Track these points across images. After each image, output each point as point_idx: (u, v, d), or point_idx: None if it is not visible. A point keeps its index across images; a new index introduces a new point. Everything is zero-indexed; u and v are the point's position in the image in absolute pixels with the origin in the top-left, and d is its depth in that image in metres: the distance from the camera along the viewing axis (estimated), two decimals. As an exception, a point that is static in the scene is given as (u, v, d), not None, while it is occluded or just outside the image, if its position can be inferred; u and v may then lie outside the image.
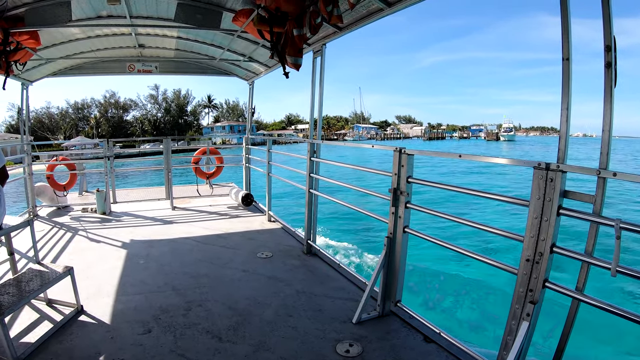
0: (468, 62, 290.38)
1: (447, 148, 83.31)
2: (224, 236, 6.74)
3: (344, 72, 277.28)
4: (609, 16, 2.26)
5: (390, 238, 3.89)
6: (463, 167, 37.61)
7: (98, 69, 8.95)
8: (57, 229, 7.16)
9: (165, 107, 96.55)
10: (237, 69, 9.36)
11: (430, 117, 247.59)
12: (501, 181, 30.17)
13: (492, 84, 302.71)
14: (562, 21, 2.48)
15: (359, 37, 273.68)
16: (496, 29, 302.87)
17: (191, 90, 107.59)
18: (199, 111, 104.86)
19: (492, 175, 33.18)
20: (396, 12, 4.31)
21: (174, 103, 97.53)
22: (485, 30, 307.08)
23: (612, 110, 2.33)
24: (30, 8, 5.16)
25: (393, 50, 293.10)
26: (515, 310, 2.67)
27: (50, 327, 3.61)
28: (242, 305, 4.15)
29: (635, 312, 2.11)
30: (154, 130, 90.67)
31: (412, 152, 3.70)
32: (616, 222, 2.11)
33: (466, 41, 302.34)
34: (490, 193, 2.99)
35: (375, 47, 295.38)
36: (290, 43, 4.99)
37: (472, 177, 32.85)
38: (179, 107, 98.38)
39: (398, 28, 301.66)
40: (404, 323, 3.78)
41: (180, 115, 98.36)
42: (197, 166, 10.35)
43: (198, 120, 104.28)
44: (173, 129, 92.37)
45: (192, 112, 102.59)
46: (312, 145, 5.69)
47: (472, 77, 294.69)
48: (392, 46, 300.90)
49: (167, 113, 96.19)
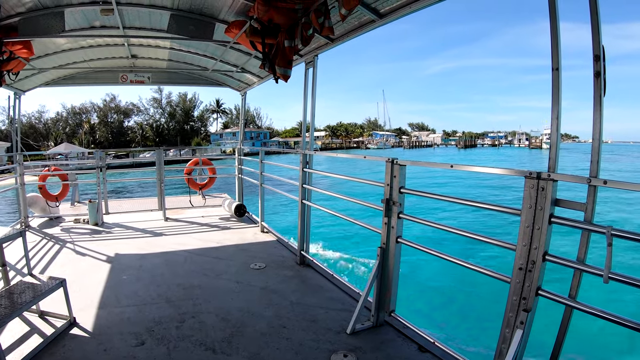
0: (476, 69, 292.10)
1: (491, 158, 76.23)
2: (217, 247, 6.71)
3: (353, 79, 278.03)
4: (598, 26, 2.30)
5: (384, 248, 3.90)
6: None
7: (91, 79, 8.95)
8: (49, 240, 7.09)
9: (169, 111, 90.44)
10: (230, 79, 9.38)
11: (440, 124, 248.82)
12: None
13: (500, 91, 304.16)
14: (551, 31, 2.52)
15: (366, 46, 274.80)
16: (503, 35, 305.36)
17: (198, 93, 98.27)
18: (206, 116, 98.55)
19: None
20: (389, 23, 4.37)
21: (179, 107, 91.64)
22: (492, 36, 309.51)
23: (602, 118, 2.36)
24: (23, 18, 5.17)
25: (402, 57, 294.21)
26: (509, 319, 2.67)
27: (43, 340, 3.56)
28: (235, 317, 4.13)
29: (627, 317, 2.12)
30: (156, 137, 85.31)
31: (404, 163, 3.72)
32: (607, 229, 2.13)
33: (474, 48, 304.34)
34: (482, 202, 3.01)
35: (385, 54, 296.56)
36: (281, 54, 5.02)
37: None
38: (185, 112, 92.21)
39: (407, 35, 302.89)
40: (399, 333, 3.77)
41: (186, 120, 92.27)
42: (190, 177, 10.32)
43: (206, 126, 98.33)
44: (178, 136, 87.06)
45: (199, 118, 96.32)
46: (304, 156, 5.70)
47: (480, 84, 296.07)
48: (400, 53, 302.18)
49: (172, 118, 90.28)
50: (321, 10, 4.20)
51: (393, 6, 4.11)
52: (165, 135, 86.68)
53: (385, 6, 4.18)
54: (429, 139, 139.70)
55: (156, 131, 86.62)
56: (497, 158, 79.32)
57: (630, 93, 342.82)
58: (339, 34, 5.09)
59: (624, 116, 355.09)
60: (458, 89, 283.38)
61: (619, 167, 51.66)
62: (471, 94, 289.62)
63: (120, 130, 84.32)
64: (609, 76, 2.34)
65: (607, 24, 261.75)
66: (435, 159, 64.88)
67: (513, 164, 55.40)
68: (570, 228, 2.42)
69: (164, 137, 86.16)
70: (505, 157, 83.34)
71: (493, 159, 75.51)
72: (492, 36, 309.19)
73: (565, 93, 2.59)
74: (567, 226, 2.41)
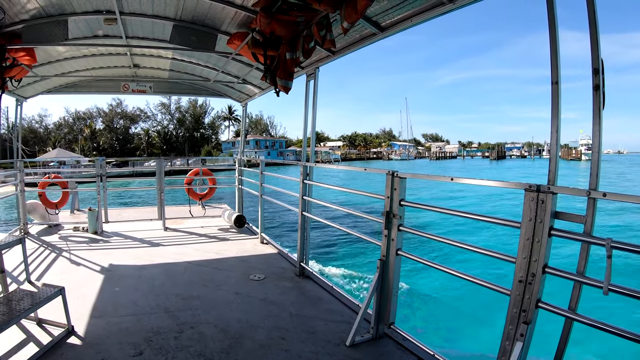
0: (486, 80, 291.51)
1: (528, 171, 65.64)
2: (217, 258, 6.69)
3: (363, 89, 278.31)
4: (597, 40, 2.33)
5: (383, 261, 3.90)
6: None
7: (92, 87, 9.01)
8: (48, 248, 7.08)
9: (178, 117, 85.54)
10: (231, 90, 9.44)
11: (451, 135, 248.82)
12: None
13: (510, 101, 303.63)
14: (550, 46, 2.56)
15: (375, 56, 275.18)
16: (514, 45, 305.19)
17: (210, 100, 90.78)
18: (217, 124, 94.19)
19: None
20: (390, 36, 4.42)
21: (188, 113, 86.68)
22: (503, 47, 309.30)
23: (601, 132, 2.39)
24: (27, 25, 5.22)
25: (412, 67, 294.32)
26: (509, 331, 2.67)
27: (40, 348, 3.55)
28: (234, 328, 4.11)
29: (626, 329, 2.13)
30: (164, 144, 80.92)
31: (404, 176, 3.75)
32: (607, 241, 2.14)
33: (484, 58, 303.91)
34: (482, 215, 3.02)
35: (395, 64, 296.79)
36: (282, 66, 5.07)
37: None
38: (195, 119, 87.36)
39: (417, 46, 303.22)
40: (398, 345, 3.76)
41: (196, 127, 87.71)
42: (190, 187, 10.32)
43: (217, 134, 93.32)
44: (186, 143, 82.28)
45: (210, 125, 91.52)
46: (304, 168, 5.72)
47: (489, 95, 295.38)
48: (410, 64, 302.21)
49: (181, 125, 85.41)
50: (323, 23, 4.25)
51: (394, 20, 4.16)
52: (173, 143, 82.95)
53: (386, 20, 4.24)
54: (449, 150, 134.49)
55: (163, 138, 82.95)
56: (543, 172, 72.62)
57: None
58: (340, 46, 5.14)
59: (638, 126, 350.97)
60: (467, 100, 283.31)
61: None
62: (480, 105, 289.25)
63: (125, 136, 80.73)
64: (623, 85, 2.34)
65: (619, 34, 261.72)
66: (473, 174, 60.56)
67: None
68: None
69: (171, 144, 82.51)
70: (529, 170, 70.64)
71: (504, 169, 72.69)
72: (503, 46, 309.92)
73: (579, 103, 2.55)
74: (567, 239, 2.43)
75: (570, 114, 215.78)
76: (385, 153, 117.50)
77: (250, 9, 4.91)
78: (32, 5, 4.88)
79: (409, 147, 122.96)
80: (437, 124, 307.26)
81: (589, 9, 2.33)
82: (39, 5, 4.91)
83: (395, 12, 4.04)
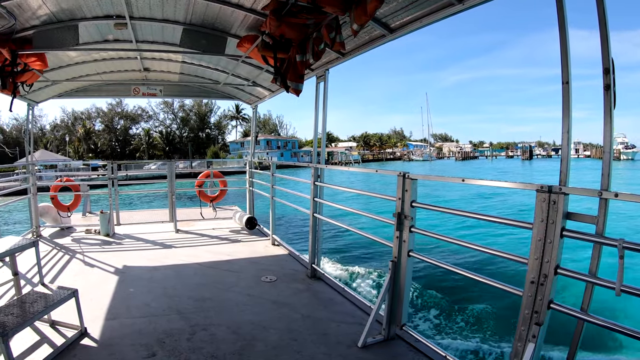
0: (492, 80, 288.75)
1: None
2: (228, 260, 6.72)
3: (369, 90, 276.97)
4: (607, 39, 2.32)
5: (395, 262, 3.90)
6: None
7: (103, 91, 9.11)
8: (60, 250, 7.16)
9: (182, 116, 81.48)
10: (241, 93, 9.47)
11: (459, 135, 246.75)
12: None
13: (517, 101, 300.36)
14: (561, 46, 2.55)
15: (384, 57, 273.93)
16: (519, 44, 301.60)
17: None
18: (224, 123, 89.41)
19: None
20: (398, 38, 4.42)
21: (192, 112, 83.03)
22: (510, 46, 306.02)
23: (612, 132, 2.38)
24: (38, 31, 5.28)
25: (417, 69, 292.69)
26: (521, 332, 2.66)
27: (54, 350, 3.59)
28: (246, 330, 4.13)
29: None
30: (167, 145, 76.62)
31: (415, 177, 3.75)
32: (619, 242, 2.13)
33: (490, 58, 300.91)
34: (493, 216, 3.02)
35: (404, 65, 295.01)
36: (292, 69, 5.08)
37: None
38: (200, 118, 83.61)
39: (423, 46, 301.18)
40: (410, 347, 3.76)
41: (201, 127, 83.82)
42: (201, 189, 10.38)
43: (223, 134, 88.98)
44: (190, 142, 77.24)
45: (216, 125, 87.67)
46: (316, 169, 5.73)
47: (496, 95, 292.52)
48: (415, 65, 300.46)
49: (185, 124, 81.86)
50: (332, 25, 4.26)
51: (403, 21, 4.16)
52: (176, 144, 79.05)
53: (395, 21, 4.24)
54: (467, 150, 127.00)
55: (166, 139, 78.74)
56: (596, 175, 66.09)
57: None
58: (350, 48, 5.15)
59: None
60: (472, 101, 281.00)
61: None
62: (487, 105, 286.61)
63: (125, 137, 77.02)
64: (631, 84, 2.24)
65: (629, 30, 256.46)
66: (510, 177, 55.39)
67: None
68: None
69: (174, 145, 78.65)
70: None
71: (535, 168, 68.77)
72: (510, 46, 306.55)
73: (593, 102, 2.51)
74: (579, 239, 2.42)
75: (579, 113, 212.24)
76: (405, 153, 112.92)
77: (259, 12, 4.93)
78: (42, 11, 4.93)
79: (425, 147, 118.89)
80: (442, 125, 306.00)
81: (598, 8, 2.32)
82: (50, 11, 4.96)
83: (404, 14, 4.04)
